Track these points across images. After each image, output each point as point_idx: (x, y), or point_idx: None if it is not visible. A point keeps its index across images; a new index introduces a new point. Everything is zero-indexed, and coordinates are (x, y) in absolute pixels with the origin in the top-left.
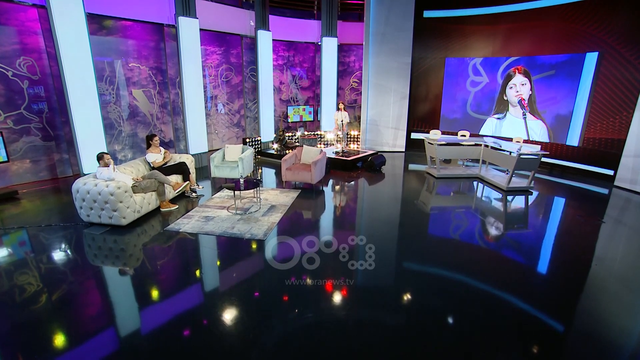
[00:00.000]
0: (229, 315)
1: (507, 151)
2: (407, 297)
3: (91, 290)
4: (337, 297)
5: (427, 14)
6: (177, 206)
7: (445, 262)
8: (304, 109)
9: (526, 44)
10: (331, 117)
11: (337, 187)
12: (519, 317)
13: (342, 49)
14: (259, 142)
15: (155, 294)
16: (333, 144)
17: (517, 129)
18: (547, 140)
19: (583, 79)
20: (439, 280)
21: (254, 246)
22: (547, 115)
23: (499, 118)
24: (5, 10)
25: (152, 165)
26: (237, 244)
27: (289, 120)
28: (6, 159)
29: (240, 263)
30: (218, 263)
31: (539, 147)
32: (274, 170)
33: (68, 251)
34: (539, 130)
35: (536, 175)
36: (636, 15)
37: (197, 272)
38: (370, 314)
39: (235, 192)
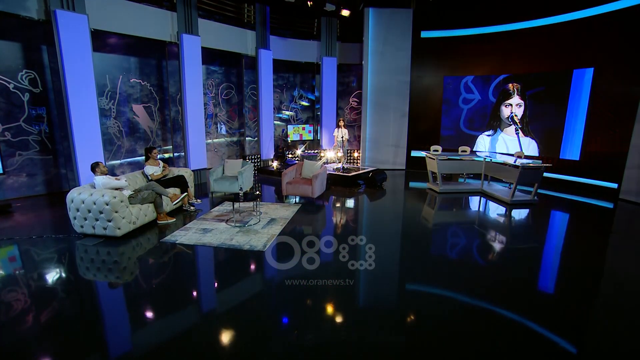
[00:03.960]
0: (226, 328)
1: (510, 164)
2: (411, 317)
3: (80, 305)
4: (338, 316)
5: (425, 34)
6: (174, 219)
7: (456, 279)
8: (303, 128)
9: (520, 61)
10: (331, 136)
11: (338, 202)
12: (526, 332)
13: (342, 69)
14: (258, 160)
15: (148, 308)
16: (333, 162)
17: (510, 146)
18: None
19: (579, 94)
20: (449, 298)
21: (253, 257)
22: (542, 131)
23: (489, 135)
24: (11, 25)
25: (150, 178)
26: (236, 256)
27: (289, 139)
28: (1, 172)
29: (239, 274)
30: (215, 274)
31: (540, 161)
32: (273, 188)
33: (58, 263)
34: (530, 148)
35: (538, 190)
36: (628, 31)
37: (194, 284)
38: (372, 333)
39: (235, 203)
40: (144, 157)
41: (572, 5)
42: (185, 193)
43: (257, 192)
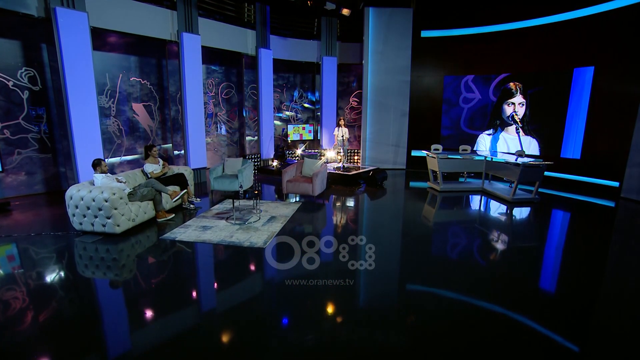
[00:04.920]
0: (226, 327)
1: (511, 163)
2: (411, 317)
3: (78, 303)
4: (338, 316)
5: (425, 33)
6: (173, 215)
7: (457, 279)
8: (303, 128)
9: (520, 60)
10: (331, 136)
11: (338, 201)
12: (527, 331)
13: (342, 69)
14: (258, 159)
15: (147, 306)
16: (334, 161)
17: (511, 145)
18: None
19: (580, 93)
20: (450, 298)
21: (253, 254)
22: (543, 129)
23: (489, 134)
24: (11, 23)
25: (149, 176)
26: (236, 252)
27: (289, 138)
28: (0, 170)
29: (239, 271)
30: (215, 271)
31: (541, 159)
32: (273, 187)
33: (56, 260)
34: (531, 147)
35: (539, 189)
36: (628, 30)
37: (194, 281)
38: (372, 333)
39: (235, 201)
40: (143, 155)
41: (572, 4)
42: (185, 190)
43: (256, 191)
